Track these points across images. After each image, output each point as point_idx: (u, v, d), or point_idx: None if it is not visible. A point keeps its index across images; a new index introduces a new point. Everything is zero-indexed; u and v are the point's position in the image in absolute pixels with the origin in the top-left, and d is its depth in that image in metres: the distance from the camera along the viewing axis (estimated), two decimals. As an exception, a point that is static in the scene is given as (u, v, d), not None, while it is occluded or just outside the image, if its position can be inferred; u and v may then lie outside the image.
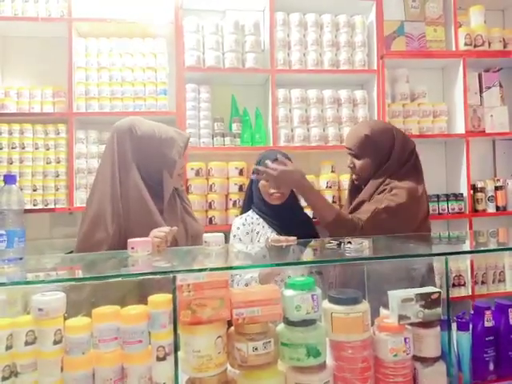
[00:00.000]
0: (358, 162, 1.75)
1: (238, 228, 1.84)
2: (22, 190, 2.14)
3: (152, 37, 2.32)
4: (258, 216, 1.83)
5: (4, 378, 0.85)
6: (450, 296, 1.01)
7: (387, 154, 1.70)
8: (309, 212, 1.98)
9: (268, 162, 1.65)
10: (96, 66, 2.25)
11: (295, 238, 1.30)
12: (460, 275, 2.42)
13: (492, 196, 2.52)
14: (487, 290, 2.42)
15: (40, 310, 0.88)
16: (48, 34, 2.31)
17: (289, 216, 1.79)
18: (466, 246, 1.36)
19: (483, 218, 2.50)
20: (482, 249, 1.22)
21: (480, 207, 2.49)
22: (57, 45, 2.27)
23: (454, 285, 2.37)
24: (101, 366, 0.89)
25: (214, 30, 2.32)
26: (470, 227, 2.42)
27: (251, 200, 1.89)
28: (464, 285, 2.39)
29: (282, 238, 1.32)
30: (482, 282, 2.43)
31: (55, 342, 0.88)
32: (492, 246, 1.27)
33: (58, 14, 2.23)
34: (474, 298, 2.34)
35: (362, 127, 1.77)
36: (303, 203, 1.83)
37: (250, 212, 1.87)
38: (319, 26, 2.44)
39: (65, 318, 0.91)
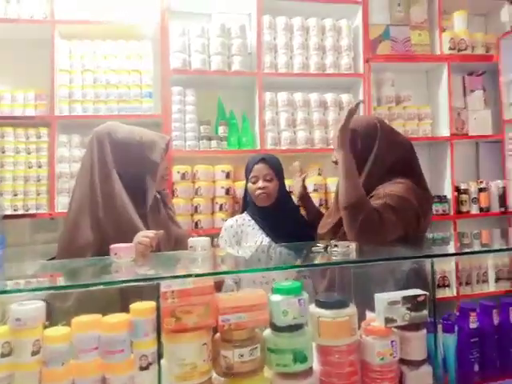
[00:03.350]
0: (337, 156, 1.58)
1: (226, 229, 1.83)
2: (2, 194, 2.08)
3: (137, 39, 2.29)
4: (250, 218, 1.83)
5: (-22, 392, 0.82)
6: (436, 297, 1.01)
7: (367, 151, 1.51)
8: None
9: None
10: (80, 68, 2.21)
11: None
12: (445, 276, 2.44)
13: (475, 198, 2.56)
14: (472, 290, 2.45)
15: (18, 319, 0.84)
16: (30, 36, 2.25)
17: (277, 217, 1.78)
18: (452, 248, 1.37)
19: (467, 219, 2.53)
20: (468, 251, 1.23)
21: (464, 209, 2.52)
22: (39, 47, 2.22)
23: (438, 285, 2.39)
24: (81, 377, 0.86)
25: (200, 33, 2.31)
26: (455, 229, 2.45)
27: (246, 202, 1.89)
28: (449, 285, 2.41)
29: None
30: (467, 283, 2.45)
31: (33, 353, 0.84)
32: (477, 248, 1.28)
33: (41, 15, 2.19)
34: (458, 299, 2.36)
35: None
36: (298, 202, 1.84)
37: (244, 214, 1.86)
38: (305, 30, 2.44)
39: (46, 327, 0.88)
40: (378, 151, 1.49)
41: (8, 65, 2.31)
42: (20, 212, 2.10)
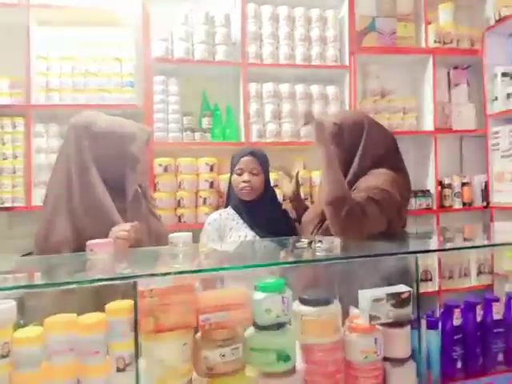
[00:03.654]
0: (336, 151, 1.55)
1: (209, 223, 1.79)
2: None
3: (118, 26, 2.21)
4: (234, 212, 1.79)
5: None
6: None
7: (355, 146, 1.52)
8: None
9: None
10: (57, 55, 2.13)
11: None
12: (427, 270, 2.46)
13: (459, 192, 2.58)
14: (454, 284, 2.48)
15: (-15, 321, 0.80)
16: (4, 20, 2.14)
17: (262, 212, 1.75)
18: (436, 244, 1.37)
19: (450, 213, 2.55)
20: (454, 246, 1.22)
21: (447, 203, 2.55)
22: (14, 33, 2.12)
23: (421, 280, 2.41)
24: (54, 381, 0.82)
25: (183, 20, 2.24)
26: (438, 223, 2.47)
27: (230, 195, 1.85)
28: (431, 280, 2.44)
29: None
30: (449, 277, 2.48)
31: (2, 356, 0.80)
32: (461, 244, 1.28)
33: (15, -1, 2.08)
34: (440, 293, 2.39)
35: (335, 115, 1.70)
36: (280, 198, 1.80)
37: (228, 208, 1.83)
38: (291, 20, 2.40)
39: (21, 326, 0.84)
40: (364, 147, 1.50)
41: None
42: (-5, 205, 2.02)
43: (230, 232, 1.76)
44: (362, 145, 1.51)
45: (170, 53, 2.23)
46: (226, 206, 1.88)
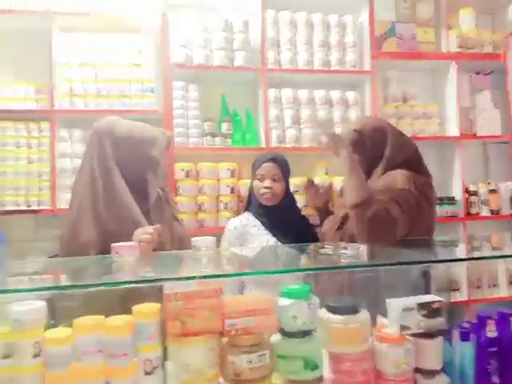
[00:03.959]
0: (356, 157, 1.57)
1: (229, 230, 1.79)
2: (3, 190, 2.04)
3: (138, 32, 2.25)
4: (254, 218, 1.78)
5: (-24, 397, 0.78)
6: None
7: (378, 153, 1.53)
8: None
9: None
10: (79, 62, 2.17)
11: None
12: (454, 280, 2.39)
13: (485, 199, 2.51)
14: (482, 295, 2.40)
15: (17, 320, 0.81)
16: (29, 27, 2.20)
17: (284, 218, 1.74)
18: (464, 252, 1.33)
19: (477, 221, 2.49)
20: (482, 255, 1.19)
21: (473, 211, 2.48)
22: (38, 39, 2.18)
23: (444, 290, 2.35)
24: (84, 381, 0.82)
25: (202, 27, 2.26)
26: (465, 231, 2.40)
27: (251, 202, 1.84)
28: (459, 290, 2.36)
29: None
30: (477, 287, 2.40)
31: (35, 356, 0.81)
32: (490, 253, 1.24)
33: (39, 7, 2.13)
34: (469, 304, 2.32)
35: (355, 121, 1.70)
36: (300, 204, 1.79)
37: (247, 213, 1.82)
38: (310, 25, 2.40)
39: (52, 327, 0.85)
40: (389, 155, 1.51)
41: (7, 57, 2.26)
42: (22, 208, 2.06)
43: (252, 238, 1.75)
44: (387, 152, 1.51)
45: (190, 59, 2.25)
46: (244, 211, 1.87)
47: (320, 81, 2.43)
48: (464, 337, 0.96)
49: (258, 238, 1.73)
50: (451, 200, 2.43)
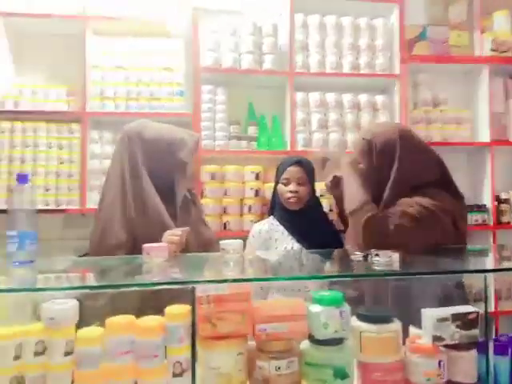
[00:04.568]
0: (360, 167, 1.50)
1: (254, 236, 1.78)
2: (34, 189, 2.10)
3: (168, 36, 2.28)
4: (278, 223, 1.77)
5: (11, 392, 0.80)
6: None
7: (385, 168, 1.38)
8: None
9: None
10: (111, 65, 2.22)
11: None
12: (481, 291, 2.31)
13: (517, 208, 2.42)
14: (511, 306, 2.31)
15: (51, 319, 0.83)
16: (63, 31, 2.27)
17: (309, 223, 1.72)
18: (498, 262, 1.29)
19: (507, 230, 2.40)
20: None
21: (504, 219, 2.39)
22: (71, 42, 2.24)
23: (475, 300, 2.27)
24: (113, 381, 0.83)
25: (231, 31, 2.28)
26: (494, 240, 2.33)
27: (274, 206, 1.83)
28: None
29: None
30: (506, 298, 2.32)
31: (66, 354, 0.82)
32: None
33: (73, 11, 2.19)
34: (497, 315, 2.24)
35: (368, 128, 1.60)
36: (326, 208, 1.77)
37: (271, 218, 1.81)
38: (339, 29, 2.38)
39: (79, 327, 0.86)
40: (399, 171, 1.36)
41: (40, 60, 2.33)
42: (51, 207, 2.11)
43: (276, 243, 1.74)
44: (393, 173, 1.37)
45: (219, 62, 2.27)
46: (269, 215, 1.86)
47: (348, 85, 2.40)
48: (499, 350, 0.93)
49: (282, 243, 1.72)
50: (481, 207, 2.36)
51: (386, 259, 1.03)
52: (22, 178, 1.04)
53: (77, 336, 0.84)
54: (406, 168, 1.37)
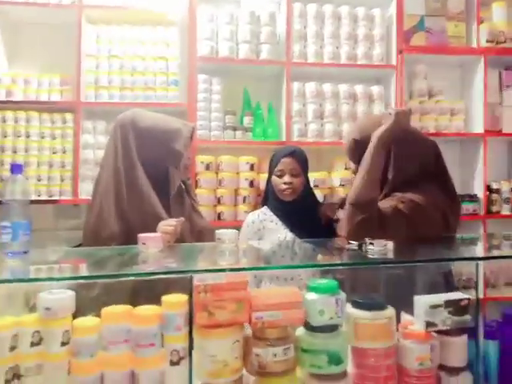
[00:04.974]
0: (352, 166, 1.50)
1: (247, 226, 1.79)
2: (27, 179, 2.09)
3: (164, 25, 2.25)
4: (271, 213, 1.77)
5: (7, 381, 0.80)
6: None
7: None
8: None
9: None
10: (106, 54, 2.19)
11: None
12: (470, 278, 2.35)
13: (508, 198, 2.45)
14: (501, 293, 2.36)
15: (47, 309, 0.82)
16: (57, 20, 2.24)
17: (303, 213, 1.73)
18: (498, 251, 1.31)
19: (497, 219, 2.43)
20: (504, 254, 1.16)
21: (495, 209, 2.43)
22: (66, 32, 2.20)
23: (464, 287, 2.30)
24: (110, 370, 0.84)
25: (228, 20, 2.25)
26: (484, 229, 2.36)
27: (268, 196, 1.84)
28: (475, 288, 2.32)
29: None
30: (493, 286, 2.36)
31: (63, 344, 0.82)
32: (509, 252, 1.22)
33: (69, 0, 2.16)
34: (485, 302, 2.28)
35: (354, 128, 1.53)
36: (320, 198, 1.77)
37: (265, 208, 1.81)
38: (337, 18, 2.36)
39: (74, 317, 0.86)
40: (395, 164, 1.35)
41: (34, 49, 2.30)
42: (43, 198, 2.10)
43: (269, 233, 1.74)
44: (392, 161, 1.35)
45: (215, 52, 2.24)
46: (262, 205, 1.87)
47: (345, 75, 2.39)
48: (490, 335, 0.95)
49: (275, 232, 1.72)
50: (473, 197, 2.38)
51: (381, 248, 1.05)
52: (16, 168, 1.03)
53: (73, 326, 0.84)
54: (403, 157, 1.36)
